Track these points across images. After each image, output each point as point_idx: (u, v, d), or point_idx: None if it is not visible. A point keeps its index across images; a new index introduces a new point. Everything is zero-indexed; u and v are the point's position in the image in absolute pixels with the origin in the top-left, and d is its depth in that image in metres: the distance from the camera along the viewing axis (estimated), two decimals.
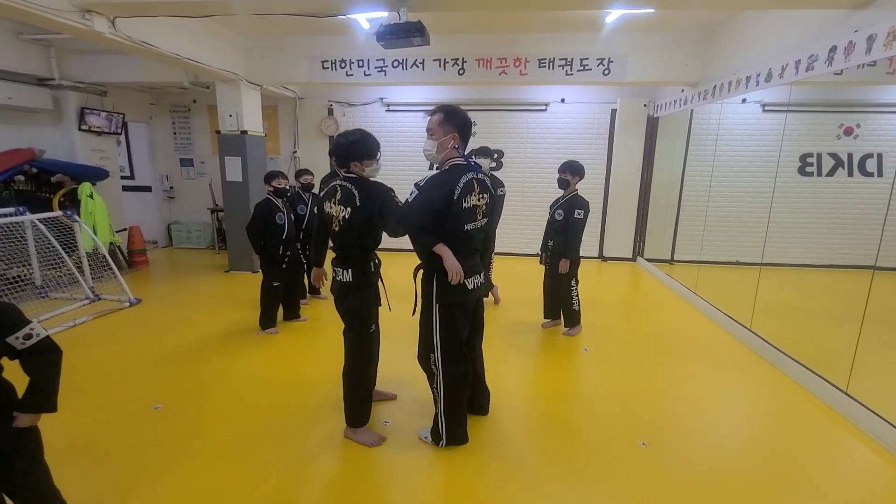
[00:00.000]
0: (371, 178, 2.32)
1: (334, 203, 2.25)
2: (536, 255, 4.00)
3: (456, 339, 2.24)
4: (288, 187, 3.96)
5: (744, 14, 4.27)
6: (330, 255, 2.46)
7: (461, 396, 2.34)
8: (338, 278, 2.32)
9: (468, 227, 2.13)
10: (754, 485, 2.18)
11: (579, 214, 3.69)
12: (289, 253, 3.93)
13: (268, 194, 3.86)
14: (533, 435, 2.54)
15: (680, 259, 6.38)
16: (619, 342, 3.89)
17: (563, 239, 3.76)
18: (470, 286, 2.18)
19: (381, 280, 2.46)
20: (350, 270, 2.28)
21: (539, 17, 4.64)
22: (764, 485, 2.18)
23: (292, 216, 4.04)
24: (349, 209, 2.20)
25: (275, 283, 3.87)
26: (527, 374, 3.28)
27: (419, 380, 3.04)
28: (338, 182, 2.28)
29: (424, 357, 2.33)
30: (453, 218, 2.08)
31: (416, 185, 2.08)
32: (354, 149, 2.24)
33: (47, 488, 1.62)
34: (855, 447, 2.50)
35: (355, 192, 2.20)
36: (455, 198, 2.06)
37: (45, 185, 5.22)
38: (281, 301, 4.03)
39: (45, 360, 1.55)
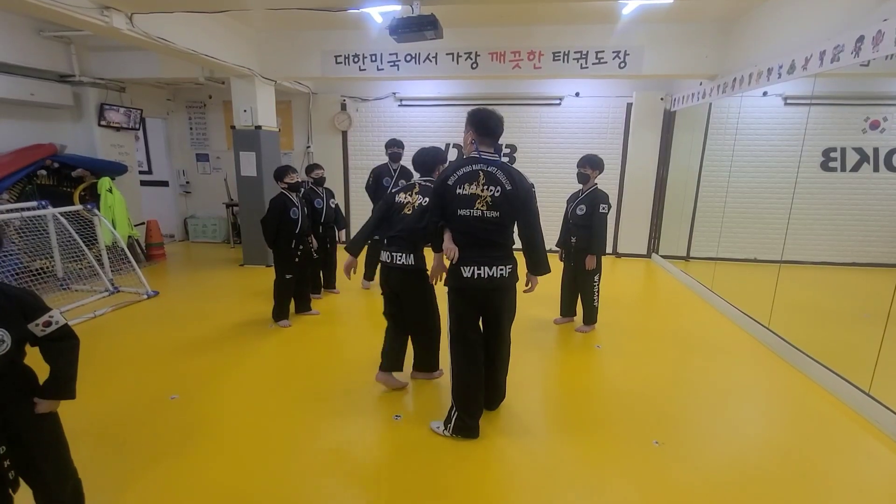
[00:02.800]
0: None
1: (412, 194, 2.69)
2: (552, 251, 3.95)
3: (458, 321, 2.36)
4: (301, 181, 3.98)
5: (766, 4, 4.15)
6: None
7: (466, 381, 2.38)
8: (398, 262, 2.64)
9: (461, 212, 2.26)
10: (771, 488, 2.13)
11: (604, 209, 3.64)
12: (301, 247, 3.96)
13: (282, 190, 3.88)
14: (545, 432, 2.53)
15: (696, 256, 6.27)
16: (632, 339, 3.84)
17: (587, 234, 3.71)
18: (466, 273, 2.28)
19: None
20: (412, 255, 2.63)
21: (553, 9, 4.57)
22: (782, 488, 2.13)
23: (307, 210, 4.05)
24: (427, 199, 2.60)
25: (287, 276, 3.90)
26: (539, 371, 3.26)
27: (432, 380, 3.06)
28: (417, 181, 2.73)
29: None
30: (448, 202, 2.27)
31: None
32: (440, 157, 2.78)
33: (66, 469, 1.66)
34: (878, 450, 2.43)
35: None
36: (450, 183, 2.26)
37: (66, 179, 5.33)
38: (293, 294, 4.06)
39: (63, 348, 1.57)
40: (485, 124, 2.29)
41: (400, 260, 2.62)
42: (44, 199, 4.53)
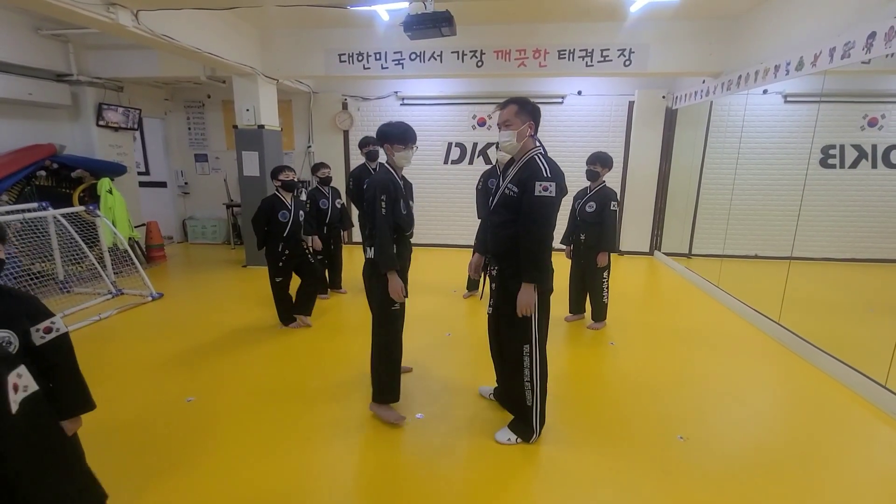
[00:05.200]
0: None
1: None
2: (558, 249, 3.94)
3: (548, 324, 2.30)
4: (296, 180, 3.81)
5: (772, 0, 4.18)
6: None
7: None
8: (367, 256, 2.48)
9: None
10: (798, 478, 2.14)
11: (614, 206, 3.65)
12: (287, 251, 3.75)
13: (276, 189, 3.76)
14: (569, 428, 2.52)
15: (698, 253, 6.32)
16: (644, 336, 3.85)
17: (596, 231, 3.71)
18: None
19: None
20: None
21: (561, 6, 4.57)
22: (807, 478, 2.15)
23: (301, 213, 3.83)
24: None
25: (277, 279, 3.79)
26: (557, 368, 3.23)
27: (450, 378, 3.04)
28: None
29: (516, 351, 2.28)
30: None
31: (548, 177, 2.06)
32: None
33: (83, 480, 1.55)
34: None
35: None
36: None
37: (65, 180, 5.24)
38: (305, 294, 3.95)
39: (67, 358, 1.45)
40: (540, 115, 2.22)
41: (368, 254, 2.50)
42: (43, 201, 4.43)
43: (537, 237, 2.09)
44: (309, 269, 3.90)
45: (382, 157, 2.63)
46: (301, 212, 3.83)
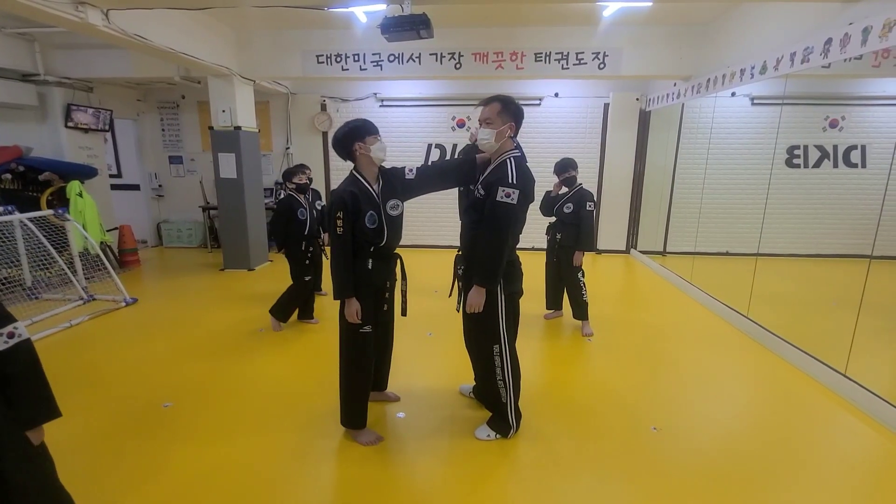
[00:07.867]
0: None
1: None
2: (532, 249, 3.97)
3: (517, 324, 2.36)
4: (307, 183, 3.88)
5: (739, 8, 4.34)
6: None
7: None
8: None
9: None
10: (764, 463, 2.24)
11: (591, 206, 3.72)
12: (311, 249, 3.84)
13: (290, 191, 3.83)
14: (546, 422, 2.57)
15: (672, 251, 6.50)
16: (620, 331, 3.94)
17: (573, 232, 3.77)
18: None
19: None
20: None
21: (537, 10, 4.66)
22: (773, 463, 2.25)
23: (319, 204, 3.98)
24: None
25: (306, 278, 3.81)
26: (534, 363, 3.32)
27: (431, 377, 3.06)
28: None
29: (486, 352, 2.30)
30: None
31: (512, 184, 2.04)
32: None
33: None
34: (856, 426, 2.59)
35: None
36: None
37: (32, 183, 5.07)
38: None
39: (30, 364, 1.39)
40: (522, 117, 2.19)
41: None
42: (9, 205, 4.28)
43: (491, 242, 2.09)
44: (315, 270, 4.01)
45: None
46: (318, 203, 4.00)
